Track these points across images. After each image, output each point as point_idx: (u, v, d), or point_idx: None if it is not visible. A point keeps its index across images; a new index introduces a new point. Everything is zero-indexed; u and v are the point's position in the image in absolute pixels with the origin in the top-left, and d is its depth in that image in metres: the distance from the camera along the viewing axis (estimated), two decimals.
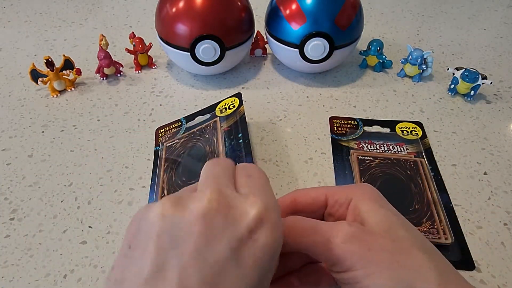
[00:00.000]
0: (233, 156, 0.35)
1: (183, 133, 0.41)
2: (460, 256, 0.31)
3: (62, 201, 0.36)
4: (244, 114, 0.38)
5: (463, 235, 0.32)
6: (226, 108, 0.40)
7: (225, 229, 0.17)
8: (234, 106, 0.40)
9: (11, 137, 0.43)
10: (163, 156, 0.39)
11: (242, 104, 0.39)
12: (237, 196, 0.19)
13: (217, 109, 0.41)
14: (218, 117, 0.40)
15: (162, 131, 0.43)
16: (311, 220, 0.23)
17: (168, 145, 0.40)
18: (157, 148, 0.41)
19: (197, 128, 0.40)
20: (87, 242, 0.32)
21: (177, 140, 0.40)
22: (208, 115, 0.42)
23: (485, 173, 0.38)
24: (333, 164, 0.39)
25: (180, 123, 0.43)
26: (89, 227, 0.33)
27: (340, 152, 0.40)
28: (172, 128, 0.43)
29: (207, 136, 0.38)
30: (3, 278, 0.30)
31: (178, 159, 0.38)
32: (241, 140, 0.36)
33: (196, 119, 0.42)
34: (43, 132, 0.43)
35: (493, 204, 0.35)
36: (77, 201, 0.36)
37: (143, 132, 0.43)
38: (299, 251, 0.23)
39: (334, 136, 0.42)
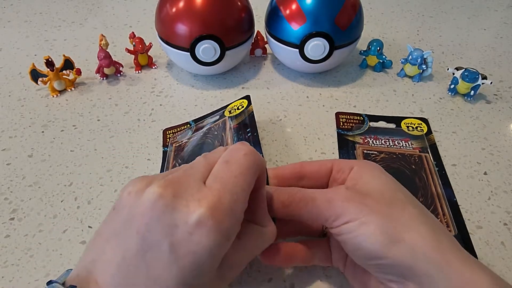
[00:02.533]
0: None
1: (192, 134, 0.41)
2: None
3: (62, 201, 0.36)
4: (252, 112, 0.38)
5: (466, 228, 0.33)
6: (235, 109, 0.40)
7: (164, 217, 0.19)
8: (242, 107, 0.40)
9: (11, 137, 0.43)
10: (172, 156, 0.39)
11: (251, 104, 0.39)
12: (191, 192, 0.20)
13: (226, 111, 0.41)
14: (226, 117, 0.40)
15: (170, 132, 0.43)
16: (308, 190, 0.25)
17: (177, 145, 0.40)
18: (166, 149, 0.41)
19: (206, 128, 0.40)
20: (87, 242, 0.32)
21: (185, 140, 0.40)
22: (217, 117, 0.42)
23: (485, 173, 0.38)
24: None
25: (189, 125, 0.43)
26: (89, 227, 0.33)
27: (345, 147, 0.41)
28: (181, 129, 0.43)
29: (215, 133, 0.38)
30: (3, 278, 0.30)
31: (186, 156, 0.38)
32: (249, 134, 0.36)
33: (204, 121, 0.42)
34: (43, 132, 0.43)
35: (493, 204, 0.35)
36: (77, 201, 0.36)
37: (143, 132, 0.43)
38: (296, 218, 0.25)
39: (340, 131, 0.43)
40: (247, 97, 0.41)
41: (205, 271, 0.20)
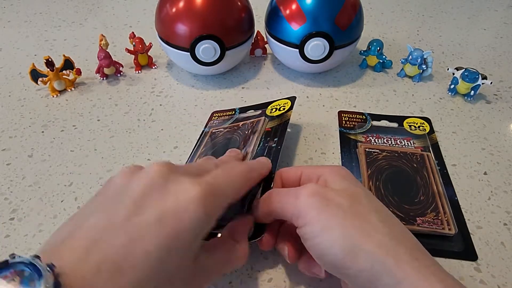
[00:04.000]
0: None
1: (231, 123, 0.41)
2: (463, 247, 0.31)
3: (62, 201, 0.36)
4: (288, 120, 0.38)
5: (467, 227, 0.33)
6: (276, 109, 0.40)
7: (159, 188, 0.21)
8: (284, 109, 0.39)
9: (11, 137, 0.43)
10: (205, 140, 0.40)
11: (292, 109, 0.39)
12: (187, 176, 0.22)
13: (269, 107, 0.41)
14: (264, 116, 0.40)
15: (216, 116, 0.44)
16: (285, 189, 0.27)
17: (213, 131, 0.41)
18: (205, 129, 0.42)
19: (242, 122, 0.40)
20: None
21: (221, 129, 0.40)
22: (259, 111, 0.42)
23: (485, 173, 0.38)
24: (333, 163, 0.39)
25: (234, 112, 0.43)
26: None
27: (347, 145, 0.41)
28: (226, 114, 0.43)
29: (247, 132, 0.38)
30: None
31: (214, 147, 0.38)
32: (274, 145, 0.35)
33: (248, 112, 0.43)
34: (43, 132, 0.43)
35: (493, 204, 0.35)
36: (77, 201, 0.36)
37: (143, 132, 0.43)
38: (277, 217, 0.26)
39: (342, 129, 0.43)
40: (293, 98, 0.40)
41: (184, 245, 0.21)
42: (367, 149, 0.40)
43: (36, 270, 0.16)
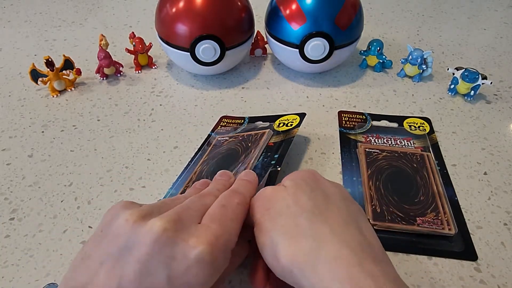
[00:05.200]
0: (257, 172, 0.34)
1: (237, 133, 0.41)
2: (463, 247, 0.31)
3: (62, 201, 0.36)
4: (293, 137, 0.38)
5: (467, 227, 0.33)
6: (284, 124, 0.40)
7: (166, 249, 0.21)
8: (291, 125, 0.39)
9: (11, 137, 0.43)
10: (209, 147, 0.40)
11: (299, 126, 0.39)
12: (191, 229, 0.22)
13: (277, 121, 0.41)
14: (270, 130, 0.40)
15: (225, 121, 0.44)
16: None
17: (219, 138, 0.41)
18: (211, 133, 0.42)
19: (247, 133, 0.40)
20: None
21: (227, 137, 0.40)
22: (266, 123, 0.42)
23: (485, 173, 0.38)
24: (333, 163, 0.39)
25: (242, 120, 0.43)
26: (89, 227, 0.33)
27: (347, 145, 0.41)
28: (235, 122, 0.44)
29: (249, 145, 0.38)
30: (3, 278, 0.30)
31: (215, 158, 0.38)
32: (273, 162, 0.35)
33: (256, 123, 0.43)
34: (43, 132, 0.43)
35: (493, 204, 0.35)
36: (77, 201, 0.36)
37: (143, 132, 0.43)
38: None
39: (342, 129, 0.43)
40: (302, 115, 0.41)
41: None
42: (367, 149, 0.40)
43: None
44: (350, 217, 0.25)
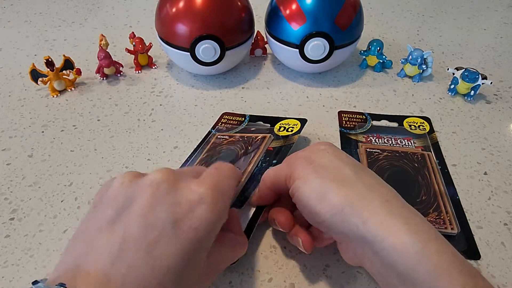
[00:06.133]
0: (255, 179, 0.34)
1: (237, 131, 0.41)
2: (466, 246, 0.31)
3: (62, 201, 0.36)
4: (293, 143, 0.38)
5: (469, 226, 0.33)
6: (285, 128, 0.40)
7: (168, 196, 0.21)
8: (292, 130, 0.40)
9: (11, 137, 0.43)
10: (209, 145, 0.40)
11: (299, 133, 0.39)
12: (189, 179, 0.23)
13: (277, 124, 0.41)
14: (271, 134, 0.40)
15: (226, 118, 0.44)
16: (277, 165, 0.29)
17: (219, 136, 0.41)
18: (212, 130, 0.42)
19: (248, 134, 0.40)
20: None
21: (227, 136, 0.40)
22: (268, 125, 0.42)
23: (485, 173, 0.38)
24: None
25: (243, 118, 0.43)
26: None
27: (348, 145, 0.41)
28: (235, 120, 0.43)
29: (249, 147, 0.38)
30: (3, 278, 0.30)
31: (213, 157, 0.38)
32: (271, 167, 0.36)
33: (257, 123, 0.43)
34: (43, 132, 0.43)
35: (493, 204, 0.35)
36: (77, 201, 0.36)
37: (143, 132, 0.43)
38: (275, 186, 0.29)
39: (342, 129, 0.43)
40: (303, 121, 0.41)
41: (203, 249, 0.21)
42: (368, 149, 0.40)
43: None
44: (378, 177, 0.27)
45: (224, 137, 0.40)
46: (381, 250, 0.22)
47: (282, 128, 0.40)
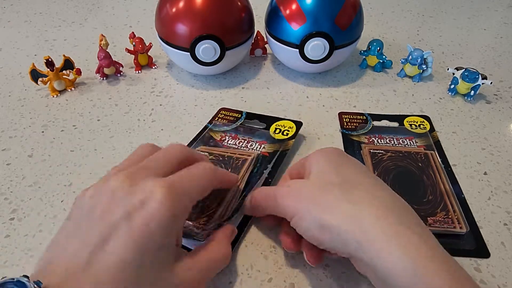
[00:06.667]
0: (248, 186, 0.35)
1: (234, 127, 0.42)
2: (475, 244, 0.31)
3: (62, 201, 0.36)
4: (288, 149, 0.38)
5: (477, 224, 0.33)
6: (280, 130, 0.41)
7: (123, 200, 0.22)
8: (287, 133, 0.40)
9: (11, 137, 0.43)
10: (205, 139, 0.40)
11: (295, 137, 0.39)
12: (149, 178, 0.24)
13: (273, 126, 0.41)
14: (268, 135, 0.40)
15: (223, 113, 0.44)
16: (268, 188, 0.30)
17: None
18: (209, 125, 0.42)
19: (229, 153, 0.39)
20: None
21: (207, 153, 0.38)
22: (264, 125, 0.42)
23: (485, 173, 0.38)
24: None
25: (240, 115, 0.44)
26: None
27: (351, 147, 0.41)
28: (232, 116, 0.44)
29: (229, 170, 0.36)
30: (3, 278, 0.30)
31: (213, 160, 0.37)
32: (265, 174, 0.36)
33: (253, 120, 0.43)
34: (43, 132, 0.43)
35: (493, 204, 0.35)
36: None
37: (143, 132, 0.43)
38: (270, 213, 0.29)
39: (344, 131, 0.43)
40: (299, 124, 0.41)
41: (159, 246, 0.22)
42: (371, 150, 0.40)
43: (24, 286, 0.19)
44: (379, 184, 0.27)
45: (204, 153, 0.39)
46: (379, 273, 0.22)
47: (277, 130, 0.41)
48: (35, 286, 0.19)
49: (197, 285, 0.24)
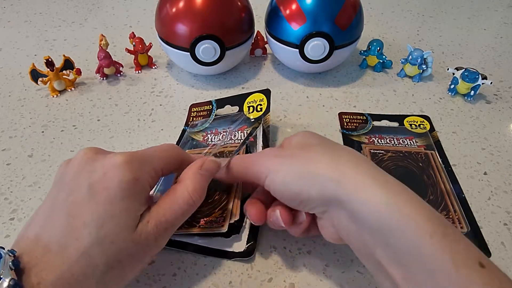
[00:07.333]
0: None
1: (211, 121, 0.41)
2: (476, 244, 0.31)
3: None
4: (269, 126, 0.38)
5: (477, 224, 0.33)
6: (254, 108, 0.40)
7: (87, 166, 0.24)
8: (261, 109, 0.39)
9: (11, 137, 0.43)
10: (187, 143, 0.40)
11: (269, 110, 0.39)
12: (112, 152, 0.26)
13: (245, 104, 0.41)
14: (244, 118, 0.39)
15: (195, 111, 0.44)
16: (247, 159, 0.29)
17: (201, 139, 0.39)
18: (186, 128, 0.42)
19: (225, 129, 0.39)
20: None
21: (209, 135, 0.39)
22: (236, 108, 0.41)
23: (485, 173, 0.38)
24: None
25: (210, 106, 0.43)
26: None
27: (351, 147, 0.40)
28: (204, 109, 0.43)
29: (231, 142, 0.37)
30: None
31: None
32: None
33: (225, 107, 0.42)
34: (43, 132, 0.43)
35: (493, 204, 0.35)
36: None
37: (143, 132, 0.43)
38: (244, 179, 0.31)
39: (344, 131, 0.43)
40: (267, 92, 0.40)
41: (119, 210, 0.23)
42: (372, 150, 0.40)
43: None
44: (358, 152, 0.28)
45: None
46: (354, 209, 0.23)
47: (251, 109, 0.40)
48: (10, 254, 0.21)
49: (155, 238, 0.24)
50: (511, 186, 0.37)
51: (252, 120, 0.39)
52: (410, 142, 0.41)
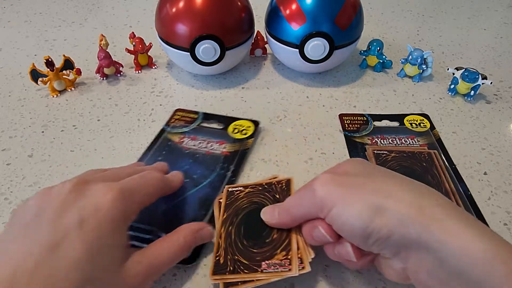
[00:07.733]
0: (211, 188, 0.35)
1: (193, 128, 0.42)
2: None
3: None
4: (248, 148, 0.39)
5: (487, 223, 0.33)
6: (238, 130, 0.41)
7: (75, 203, 0.23)
8: (246, 133, 0.41)
9: (11, 137, 0.43)
10: (163, 142, 0.40)
11: (253, 137, 0.40)
12: (99, 184, 0.25)
13: (231, 125, 0.42)
14: (227, 136, 0.40)
15: (178, 115, 0.44)
16: (298, 192, 0.27)
17: (230, 190, 0.34)
18: (165, 127, 0.42)
19: (266, 181, 0.34)
20: None
21: (241, 188, 0.34)
22: (222, 125, 0.42)
23: (485, 173, 0.38)
24: (333, 163, 0.39)
25: (196, 116, 0.44)
26: None
27: (355, 148, 0.41)
28: (189, 116, 0.44)
29: (279, 196, 0.32)
30: None
31: (238, 217, 0.32)
32: (229, 173, 0.37)
33: (210, 121, 0.43)
34: (43, 132, 0.43)
35: (493, 204, 0.35)
36: None
37: (143, 132, 0.43)
38: (302, 220, 0.27)
39: (346, 133, 0.43)
40: (256, 123, 0.41)
41: (108, 246, 0.23)
42: (375, 151, 0.39)
43: None
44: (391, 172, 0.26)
45: (237, 189, 0.34)
46: (449, 257, 0.20)
47: (236, 130, 0.41)
48: None
49: (145, 279, 0.25)
50: (511, 186, 0.37)
51: (234, 139, 0.40)
52: (412, 142, 0.41)
